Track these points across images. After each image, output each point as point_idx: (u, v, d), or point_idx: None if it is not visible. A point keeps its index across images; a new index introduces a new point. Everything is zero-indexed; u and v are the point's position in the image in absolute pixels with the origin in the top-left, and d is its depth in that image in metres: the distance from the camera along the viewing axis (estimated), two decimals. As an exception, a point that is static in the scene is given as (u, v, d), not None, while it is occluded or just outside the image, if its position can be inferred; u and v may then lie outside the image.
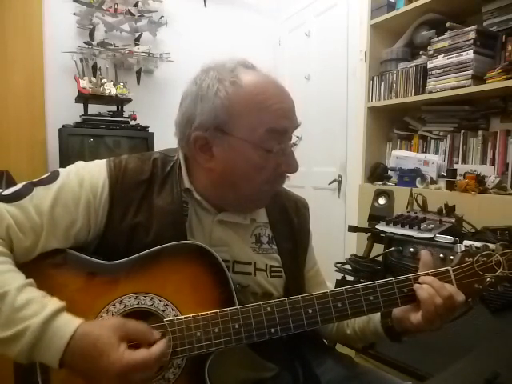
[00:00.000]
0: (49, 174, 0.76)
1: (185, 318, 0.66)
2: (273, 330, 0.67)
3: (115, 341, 0.58)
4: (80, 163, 0.79)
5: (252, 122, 0.73)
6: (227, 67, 0.76)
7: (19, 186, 0.73)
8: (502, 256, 0.73)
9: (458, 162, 2.09)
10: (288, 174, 0.83)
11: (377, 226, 1.59)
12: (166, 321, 0.66)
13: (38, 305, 0.61)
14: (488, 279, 0.72)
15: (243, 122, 0.74)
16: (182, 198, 0.79)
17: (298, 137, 0.82)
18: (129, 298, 0.68)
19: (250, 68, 0.79)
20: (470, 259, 0.74)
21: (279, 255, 0.86)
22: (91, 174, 0.76)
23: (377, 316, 0.80)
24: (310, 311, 0.69)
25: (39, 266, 0.69)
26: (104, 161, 0.79)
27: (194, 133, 0.75)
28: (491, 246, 0.75)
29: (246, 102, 0.73)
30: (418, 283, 0.72)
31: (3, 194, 0.71)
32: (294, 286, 0.86)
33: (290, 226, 0.90)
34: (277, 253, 0.86)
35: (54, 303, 0.62)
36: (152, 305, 0.68)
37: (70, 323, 0.60)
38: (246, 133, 0.74)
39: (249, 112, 0.73)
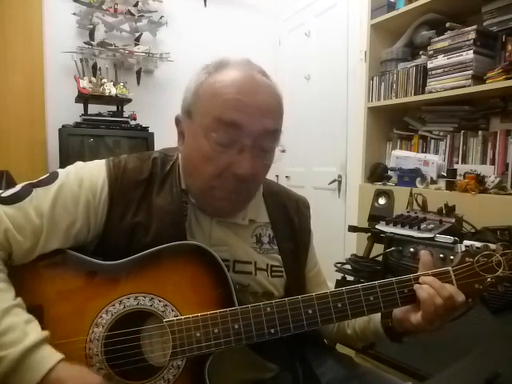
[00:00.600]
0: (47, 174, 0.75)
1: (184, 318, 0.66)
2: (272, 331, 0.67)
3: None
4: (79, 163, 0.79)
5: (204, 108, 0.74)
6: (218, 61, 0.77)
7: (18, 187, 0.72)
8: (503, 256, 0.73)
9: (458, 162, 2.09)
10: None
11: (377, 226, 1.59)
12: (166, 321, 0.66)
13: (19, 333, 0.59)
14: (488, 279, 0.72)
15: (200, 107, 0.74)
16: (181, 197, 0.79)
17: (282, 151, 0.79)
18: (128, 298, 0.68)
19: (240, 64, 0.76)
20: (471, 259, 0.74)
21: (280, 255, 0.86)
22: (90, 174, 0.75)
23: (377, 316, 0.80)
24: (310, 311, 0.69)
25: (39, 267, 0.69)
26: (103, 161, 0.79)
27: (176, 115, 0.80)
28: (492, 246, 0.75)
29: (206, 88, 0.74)
30: (419, 283, 0.72)
31: (2, 195, 0.70)
32: (295, 286, 0.86)
33: (291, 225, 0.90)
34: (277, 253, 0.86)
35: (36, 333, 0.61)
36: (151, 305, 0.68)
37: (46, 360, 0.59)
38: (199, 119, 0.74)
39: (204, 98, 0.74)
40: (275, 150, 0.79)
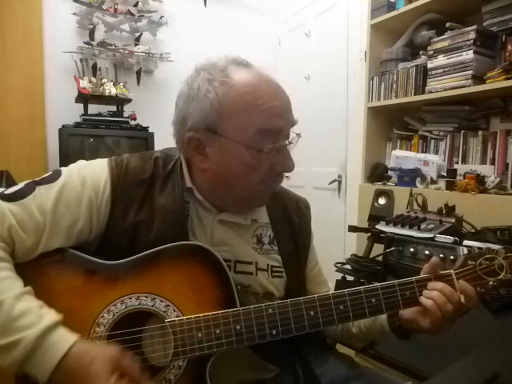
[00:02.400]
0: (51, 172, 0.76)
1: (186, 318, 0.66)
2: (274, 332, 0.67)
3: (107, 371, 0.58)
4: (81, 162, 0.79)
5: (242, 123, 0.73)
6: (218, 66, 0.75)
7: (21, 185, 0.73)
8: (505, 260, 0.73)
9: (458, 162, 2.09)
10: (286, 174, 0.83)
11: (377, 226, 1.59)
12: (168, 321, 0.66)
13: (35, 316, 0.60)
14: (490, 283, 0.72)
15: (233, 122, 0.73)
16: (184, 197, 0.79)
17: (297, 134, 0.81)
18: (130, 298, 0.68)
19: (243, 65, 0.77)
20: (473, 262, 0.74)
21: (280, 256, 0.86)
22: (93, 173, 0.76)
23: (383, 315, 0.81)
24: (312, 313, 0.69)
25: (41, 266, 0.69)
26: (105, 160, 0.80)
27: (188, 133, 0.76)
28: (493, 246, 0.75)
29: (236, 102, 0.72)
30: (420, 285, 0.72)
31: (5, 193, 0.71)
32: (295, 287, 0.86)
33: (291, 226, 0.90)
34: (278, 253, 0.86)
35: (51, 316, 0.61)
36: (153, 305, 0.68)
37: (64, 340, 0.60)
38: (237, 133, 0.73)
39: (239, 112, 0.72)
40: None
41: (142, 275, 0.70)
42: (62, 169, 0.77)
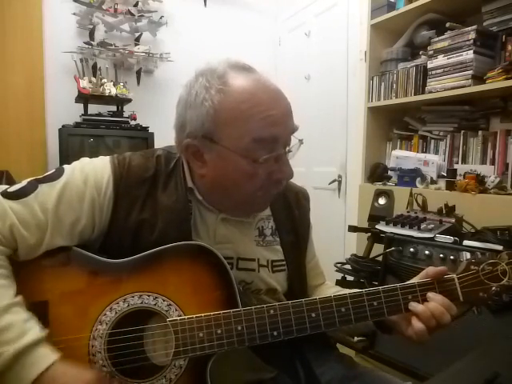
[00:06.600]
0: (53, 170, 0.76)
1: (188, 318, 0.67)
2: (275, 333, 0.68)
3: None
4: (84, 160, 0.79)
5: (238, 132, 0.71)
6: (217, 73, 0.74)
7: (24, 182, 0.73)
8: (508, 265, 0.73)
9: (458, 162, 2.10)
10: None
11: (377, 226, 1.59)
12: (169, 321, 0.66)
13: (17, 332, 0.60)
14: (493, 288, 0.72)
15: (229, 131, 0.72)
16: (187, 196, 0.79)
17: (299, 140, 0.79)
18: (132, 296, 0.69)
19: (243, 70, 0.75)
20: (476, 267, 0.74)
21: (282, 246, 0.87)
22: (95, 171, 0.76)
23: None
24: (313, 315, 0.69)
25: (45, 264, 0.70)
26: (108, 158, 0.80)
27: (186, 140, 0.75)
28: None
29: (232, 110, 0.71)
30: (422, 289, 0.72)
31: (8, 190, 0.71)
32: (297, 278, 0.87)
33: (292, 218, 0.91)
34: (279, 244, 0.87)
35: (33, 333, 0.61)
36: (155, 304, 0.69)
37: (41, 360, 0.59)
38: (233, 142, 0.72)
39: (234, 121, 0.71)
40: None
41: (144, 274, 0.71)
42: (65, 166, 0.77)
